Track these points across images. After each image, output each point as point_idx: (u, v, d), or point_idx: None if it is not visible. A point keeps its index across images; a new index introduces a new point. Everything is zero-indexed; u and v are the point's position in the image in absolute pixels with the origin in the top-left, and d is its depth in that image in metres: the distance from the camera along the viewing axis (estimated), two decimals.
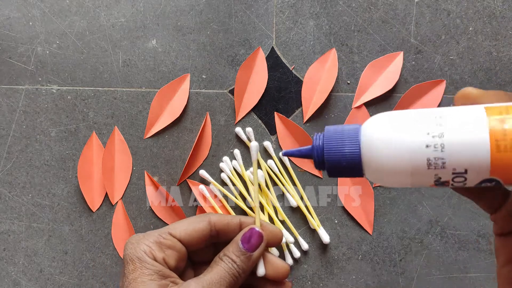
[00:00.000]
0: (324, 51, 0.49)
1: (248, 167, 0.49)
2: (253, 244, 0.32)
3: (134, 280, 0.29)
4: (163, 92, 0.49)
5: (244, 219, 0.34)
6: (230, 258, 0.31)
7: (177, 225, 0.32)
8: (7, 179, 0.49)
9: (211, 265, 0.32)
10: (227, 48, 0.50)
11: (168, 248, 0.31)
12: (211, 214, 0.34)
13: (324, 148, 0.26)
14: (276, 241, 0.34)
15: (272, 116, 0.49)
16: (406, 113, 0.24)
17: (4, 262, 0.49)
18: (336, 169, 0.25)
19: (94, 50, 0.50)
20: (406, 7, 0.49)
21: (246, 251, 0.31)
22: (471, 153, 0.21)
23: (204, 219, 0.33)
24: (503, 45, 0.49)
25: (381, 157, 0.23)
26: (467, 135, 0.21)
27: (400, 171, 0.23)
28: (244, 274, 0.31)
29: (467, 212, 0.48)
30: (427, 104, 0.49)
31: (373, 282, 0.48)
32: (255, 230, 0.32)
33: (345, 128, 0.25)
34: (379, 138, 0.23)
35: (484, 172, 0.21)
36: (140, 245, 0.31)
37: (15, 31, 0.50)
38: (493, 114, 0.21)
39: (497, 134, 0.21)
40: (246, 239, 0.32)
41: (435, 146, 0.22)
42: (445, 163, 0.22)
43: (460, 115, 0.22)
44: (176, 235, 0.32)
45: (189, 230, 0.32)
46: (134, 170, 0.49)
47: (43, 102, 0.50)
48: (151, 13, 0.50)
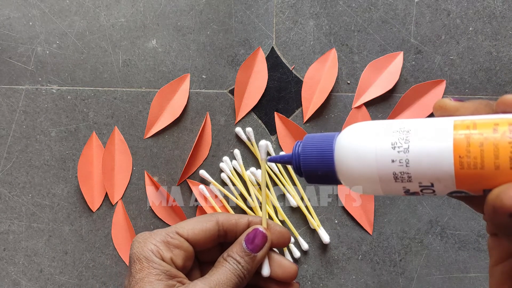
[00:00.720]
0: (324, 51, 0.49)
1: (248, 167, 0.49)
2: (256, 245, 0.31)
3: (141, 279, 0.29)
4: (163, 92, 0.49)
5: (252, 218, 0.33)
6: (234, 259, 0.31)
7: (184, 224, 0.32)
8: (7, 179, 0.49)
9: (215, 265, 0.31)
10: (227, 48, 0.50)
11: (176, 248, 0.31)
12: (219, 213, 0.33)
13: (300, 155, 0.26)
14: (284, 242, 0.33)
15: (272, 116, 0.49)
16: (379, 125, 0.24)
17: (4, 262, 0.49)
18: (312, 176, 0.26)
19: (94, 50, 0.50)
20: (406, 7, 0.49)
21: (250, 252, 0.31)
22: (435, 169, 0.21)
23: (212, 219, 0.32)
24: (503, 45, 0.49)
25: (350, 167, 0.23)
26: (431, 151, 0.21)
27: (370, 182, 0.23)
28: (249, 275, 0.31)
29: (467, 212, 0.48)
30: (427, 104, 0.49)
31: (373, 282, 0.48)
32: (259, 231, 0.32)
33: (322, 136, 0.25)
34: (350, 148, 0.24)
35: (450, 186, 0.21)
36: (147, 244, 0.30)
37: (15, 31, 0.50)
38: (460, 129, 0.21)
39: (461, 151, 0.20)
40: (250, 240, 0.31)
41: (400, 161, 0.22)
42: (411, 177, 0.22)
43: (427, 129, 0.22)
44: (184, 234, 0.31)
45: (197, 229, 0.32)
46: (134, 170, 0.49)
47: (43, 102, 0.50)
48: (151, 13, 0.50)
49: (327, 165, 0.25)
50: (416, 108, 0.49)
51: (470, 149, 0.20)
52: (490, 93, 0.49)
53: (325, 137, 0.25)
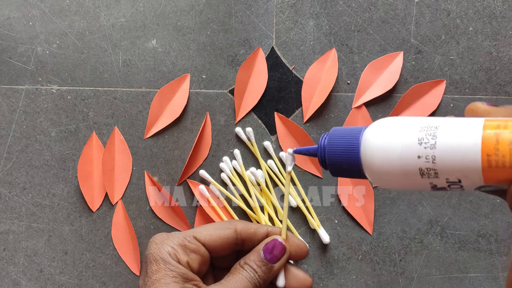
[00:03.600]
0: (324, 51, 0.49)
1: (248, 167, 0.49)
2: (275, 256, 0.31)
3: (157, 280, 0.29)
4: (163, 92, 0.49)
5: (271, 229, 0.33)
6: (251, 267, 0.31)
7: (202, 229, 0.32)
8: (7, 179, 0.49)
9: (231, 271, 0.31)
10: (227, 48, 0.50)
11: (192, 252, 0.31)
12: (238, 221, 0.33)
13: (326, 148, 0.26)
14: (301, 255, 0.33)
15: (272, 116, 0.49)
16: (406, 121, 0.23)
17: (4, 262, 0.49)
18: (337, 169, 0.26)
19: (94, 50, 0.50)
20: (406, 7, 0.49)
21: (267, 262, 0.31)
22: (462, 166, 0.21)
23: (230, 227, 0.32)
24: (503, 45, 0.49)
25: (376, 162, 0.23)
26: (458, 147, 0.21)
27: (396, 177, 0.23)
28: (264, 285, 0.31)
29: (467, 212, 0.48)
30: (427, 104, 0.49)
31: (373, 282, 0.48)
32: (279, 242, 0.32)
33: (349, 130, 0.25)
34: (376, 144, 0.23)
35: (478, 182, 0.21)
36: (164, 246, 0.30)
37: (15, 31, 0.50)
38: (489, 128, 0.21)
39: (489, 149, 0.20)
40: (269, 250, 0.31)
41: (426, 157, 0.22)
42: (437, 173, 0.22)
43: (456, 126, 0.22)
44: (201, 239, 0.31)
45: (215, 236, 0.32)
46: (134, 170, 0.49)
47: (43, 102, 0.50)
48: (151, 13, 0.50)
49: (353, 159, 0.24)
50: (416, 108, 0.49)
51: (499, 147, 0.20)
52: (490, 93, 0.49)
53: (351, 131, 0.25)
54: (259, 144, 0.49)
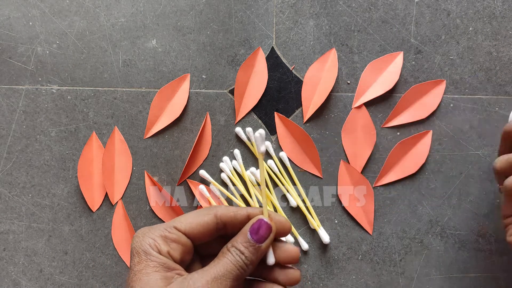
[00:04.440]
0: (324, 51, 0.49)
1: (248, 167, 0.49)
2: (261, 235, 0.31)
3: (139, 271, 0.30)
4: (163, 92, 0.49)
5: (251, 210, 0.33)
6: (238, 250, 0.31)
7: (182, 218, 0.32)
8: (7, 179, 0.49)
9: (218, 256, 0.31)
10: (227, 48, 0.50)
11: (173, 242, 0.31)
12: (218, 206, 0.33)
13: None
14: (284, 231, 0.33)
15: (272, 116, 0.49)
16: None
17: (4, 262, 0.49)
18: None
19: (94, 50, 0.50)
20: (406, 7, 0.49)
21: (254, 243, 0.31)
22: None
23: (210, 212, 0.32)
24: (503, 45, 0.49)
25: None
26: None
27: None
28: (252, 266, 0.31)
29: (467, 212, 0.48)
30: (427, 104, 0.49)
31: (373, 282, 0.48)
32: (264, 221, 0.32)
33: None
34: None
35: None
36: (146, 239, 0.31)
37: (15, 31, 0.50)
38: None
39: None
40: (255, 230, 0.31)
41: None
42: None
43: None
44: (181, 228, 0.32)
45: (194, 223, 0.32)
46: (134, 170, 0.49)
47: (43, 102, 0.50)
48: (151, 13, 0.50)
49: None
50: (416, 108, 0.49)
51: None
52: (490, 93, 0.49)
53: None
54: None
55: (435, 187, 0.48)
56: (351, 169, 0.48)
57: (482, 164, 0.49)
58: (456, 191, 0.49)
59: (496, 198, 0.48)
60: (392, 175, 0.49)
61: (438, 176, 0.49)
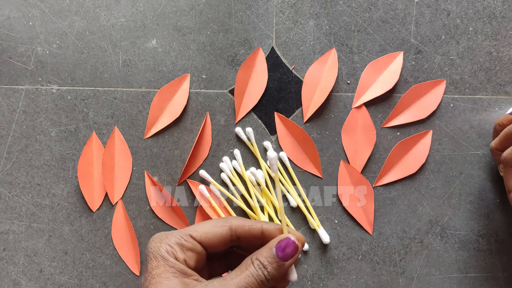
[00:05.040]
0: (324, 51, 0.49)
1: (248, 167, 0.49)
2: (287, 254, 0.32)
3: (158, 275, 0.30)
4: (163, 92, 0.49)
5: (266, 225, 0.34)
6: (261, 264, 0.31)
7: (198, 227, 0.33)
8: (7, 179, 0.49)
9: (240, 266, 0.32)
10: (227, 48, 0.50)
11: (189, 250, 0.32)
12: (233, 218, 0.34)
13: None
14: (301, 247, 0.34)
15: (272, 116, 0.49)
16: None
17: (4, 262, 0.49)
18: None
19: (94, 50, 0.50)
20: (406, 7, 0.49)
21: (279, 259, 0.31)
22: None
23: (225, 224, 0.33)
24: (503, 45, 0.49)
25: None
26: None
27: None
28: (273, 281, 0.32)
29: (467, 212, 0.48)
30: (427, 104, 0.49)
31: (373, 282, 0.48)
32: (291, 241, 0.32)
33: None
34: None
35: None
36: (163, 245, 0.32)
37: (15, 31, 0.50)
38: None
39: None
40: (281, 248, 0.32)
41: None
42: None
43: None
44: (197, 238, 0.32)
45: (210, 234, 0.33)
46: (134, 170, 0.49)
47: (43, 102, 0.50)
48: (151, 13, 0.50)
49: None
50: (416, 108, 0.49)
51: None
52: (490, 93, 0.49)
53: None
54: (259, 144, 0.49)
55: (435, 187, 0.48)
56: (351, 169, 0.48)
57: (482, 164, 0.49)
58: (456, 191, 0.49)
59: (496, 198, 0.48)
60: (392, 175, 0.49)
61: (438, 176, 0.49)
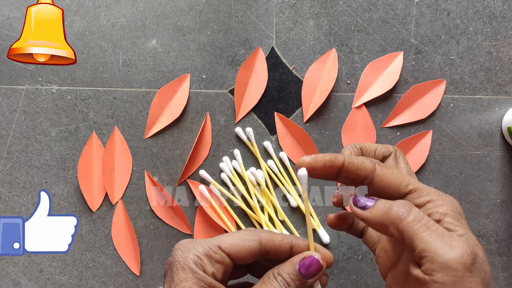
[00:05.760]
0: (324, 51, 0.49)
1: (248, 167, 0.49)
2: (310, 272, 0.31)
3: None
4: (163, 92, 0.49)
5: (295, 241, 0.33)
6: (284, 279, 0.31)
7: (227, 239, 0.32)
8: (7, 179, 0.49)
9: (262, 280, 0.31)
10: (227, 48, 0.50)
11: (217, 263, 0.31)
12: (262, 231, 0.33)
13: None
14: (328, 265, 0.33)
15: (272, 116, 0.49)
16: None
17: (4, 262, 0.49)
18: None
19: (94, 50, 0.50)
20: (406, 7, 0.49)
21: (302, 277, 0.31)
22: None
23: (255, 238, 0.32)
24: (503, 45, 0.49)
25: None
26: None
27: None
28: None
29: (467, 212, 0.48)
30: (427, 104, 0.49)
31: (373, 282, 0.48)
32: (316, 260, 0.32)
33: None
34: None
35: None
36: (190, 255, 0.31)
37: (15, 31, 0.50)
38: None
39: None
40: (305, 266, 0.31)
41: None
42: None
43: None
44: (226, 250, 0.31)
45: (239, 247, 0.32)
46: (134, 170, 0.49)
47: (43, 102, 0.50)
48: (151, 13, 0.50)
49: None
50: (416, 108, 0.49)
51: None
52: (490, 93, 0.49)
53: None
54: (259, 144, 0.49)
55: (435, 187, 0.48)
56: None
57: (482, 164, 0.49)
58: (456, 191, 0.49)
59: (496, 198, 0.48)
60: None
61: (438, 176, 0.49)
